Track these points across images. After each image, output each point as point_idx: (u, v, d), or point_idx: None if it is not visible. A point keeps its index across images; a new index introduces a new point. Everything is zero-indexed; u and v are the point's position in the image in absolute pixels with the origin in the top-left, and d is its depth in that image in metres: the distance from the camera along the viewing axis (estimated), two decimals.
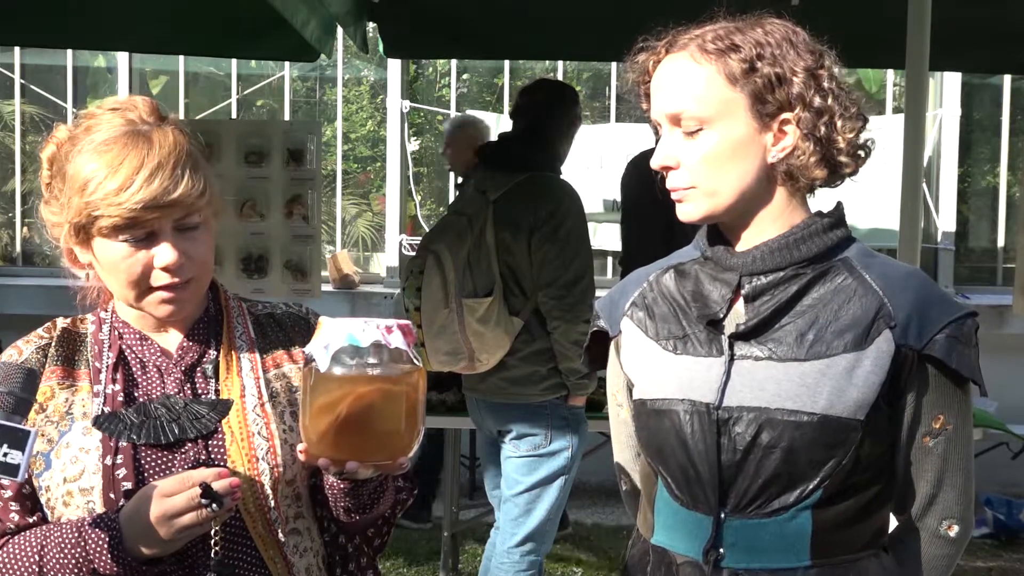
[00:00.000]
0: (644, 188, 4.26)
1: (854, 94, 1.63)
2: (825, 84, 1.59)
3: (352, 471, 1.51)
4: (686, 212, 1.63)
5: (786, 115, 1.58)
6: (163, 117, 1.65)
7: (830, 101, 1.58)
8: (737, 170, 1.59)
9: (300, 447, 1.56)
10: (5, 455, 1.40)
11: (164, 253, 1.57)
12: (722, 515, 1.61)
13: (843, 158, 1.60)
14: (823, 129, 1.58)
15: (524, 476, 3.74)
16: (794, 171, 1.60)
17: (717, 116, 1.58)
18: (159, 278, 1.59)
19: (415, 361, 1.52)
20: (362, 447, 1.50)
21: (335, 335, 1.49)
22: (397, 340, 1.49)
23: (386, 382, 1.49)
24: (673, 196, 1.64)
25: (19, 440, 1.40)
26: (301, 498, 1.69)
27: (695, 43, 1.60)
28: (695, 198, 1.61)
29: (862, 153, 1.63)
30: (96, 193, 1.55)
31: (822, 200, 1.70)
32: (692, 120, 1.59)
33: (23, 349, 1.67)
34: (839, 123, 1.58)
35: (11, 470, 1.40)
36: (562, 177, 3.81)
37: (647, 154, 4.60)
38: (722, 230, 1.68)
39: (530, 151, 3.76)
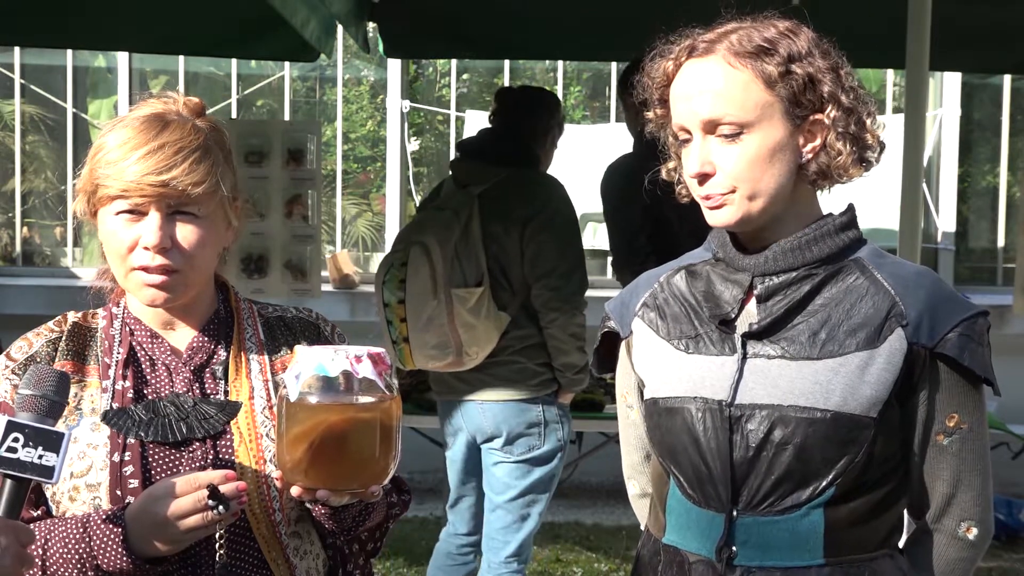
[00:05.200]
0: (619, 190, 4.24)
1: (866, 91, 1.64)
2: (846, 83, 1.60)
3: (324, 499, 1.53)
4: (723, 217, 1.62)
5: (816, 116, 1.59)
6: (200, 115, 1.68)
7: (856, 99, 1.60)
8: (775, 172, 1.59)
9: (276, 474, 1.57)
10: (40, 457, 1.41)
11: (148, 232, 1.59)
12: (734, 513, 1.61)
13: (872, 155, 1.62)
14: (854, 127, 1.59)
15: (518, 480, 3.63)
16: (829, 171, 1.61)
17: (757, 120, 1.58)
18: (141, 256, 1.60)
19: (388, 390, 1.52)
20: (334, 476, 1.51)
21: (305, 364, 1.49)
22: (366, 370, 1.49)
23: (356, 411, 1.49)
24: (708, 203, 1.62)
25: (54, 442, 1.42)
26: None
27: (723, 47, 1.59)
28: (735, 202, 1.60)
29: (882, 150, 1.65)
30: (100, 162, 1.60)
31: (832, 199, 1.70)
32: (732, 126, 1.58)
33: (33, 342, 1.68)
34: (868, 120, 1.60)
35: (46, 472, 1.42)
36: (550, 174, 3.77)
37: (622, 159, 4.53)
38: (735, 230, 1.68)
39: (512, 148, 3.68)
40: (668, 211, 1.76)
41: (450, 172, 3.82)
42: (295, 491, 1.53)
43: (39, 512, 1.61)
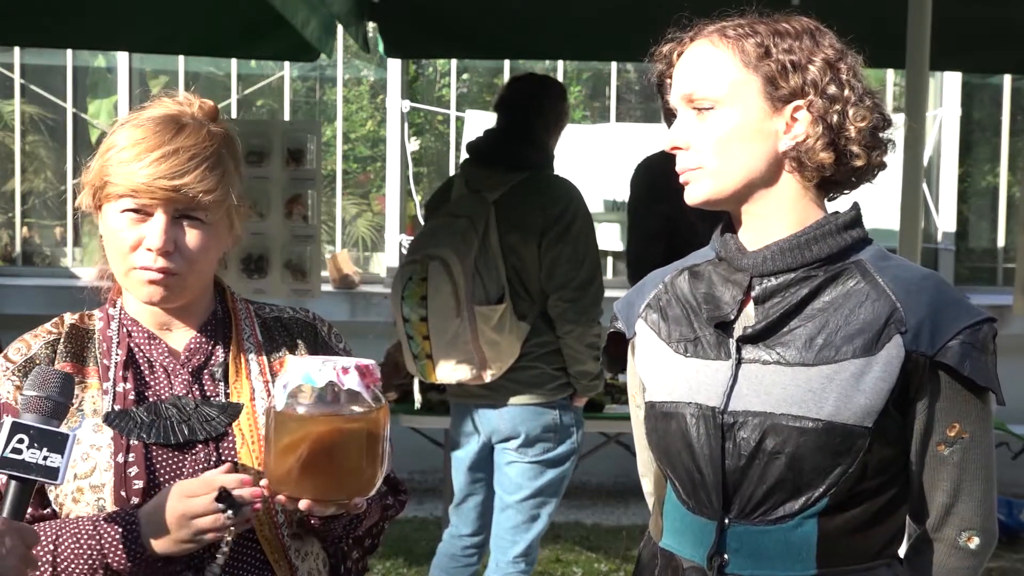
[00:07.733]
0: (647, 189, 4.24)
1: (877, 95, 1.61)
2: (843, 76, 1.58)
3: (308, 509, 1.53)
4: (690, 194, 1.62)
5: (799, 102, 1.57)
6: (214, 119, 1.67)
7: (846, 92, 1.57)
8: (745, 153, 1.58)
9: (263, 483, 1.57)
10: (45, 459, 1.42)
11: (153, 234, 1.59)
12: (726, 520, 1.59)
13: (855, 148, 1.58)
14: (835, 117, 1.56)
15: (530, 481, 3.63)
16: (801, 156, 1.58)
17: (729, 97, 1.57)
18: (142, 257, 1.60)
19: (375, 401, 1.52)
20: (321, 486, 1.51)
21: (293, 374, 1.50)
22: (352, 382, 1.49)
23: (343, 422, 1.50)
24: (681, 179, 1.63)
25: (58, 444, 1.43)
26: None
27: (715, 29, 1.61)
28: (700, 179, 1.60)
29: (878, 150, 1.60)
30: (112, 159, 1.60)
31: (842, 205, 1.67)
32: (704, 100, 1.59)
33: (31, 343, 1.67)
34: (851, 112, 1.57)
35: (51, 473, 1.42)
36: (562, 175, 3.72)
37: (655, 156, 4.41)
38: (735, 228, 1.66)
39: (525, 148, 3.63)
40: (693, 216, 1.75)
41: (458, 172, 3.78)
42: (280, 499, 1.53)
43: (48, 511, 1.61)
